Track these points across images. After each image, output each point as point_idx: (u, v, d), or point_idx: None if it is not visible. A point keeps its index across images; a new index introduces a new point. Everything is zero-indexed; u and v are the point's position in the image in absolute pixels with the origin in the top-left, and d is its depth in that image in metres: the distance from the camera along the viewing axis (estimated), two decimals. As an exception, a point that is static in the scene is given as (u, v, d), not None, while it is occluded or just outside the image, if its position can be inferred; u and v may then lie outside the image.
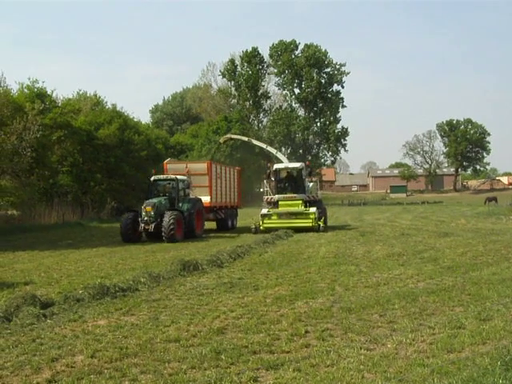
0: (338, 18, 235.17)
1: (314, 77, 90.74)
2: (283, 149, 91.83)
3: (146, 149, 51.07)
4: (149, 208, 25.23)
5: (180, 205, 26.71)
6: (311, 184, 32.57)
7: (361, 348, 7.23)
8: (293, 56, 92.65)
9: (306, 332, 8.16)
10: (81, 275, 14.78)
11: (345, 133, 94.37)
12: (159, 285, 12.71)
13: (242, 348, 7.37)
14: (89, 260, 18.12)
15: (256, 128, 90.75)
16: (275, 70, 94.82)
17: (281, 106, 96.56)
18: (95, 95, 59.87)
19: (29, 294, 10.73)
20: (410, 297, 10.47)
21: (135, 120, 59.61)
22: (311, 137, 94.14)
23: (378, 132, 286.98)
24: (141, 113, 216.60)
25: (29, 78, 44.43)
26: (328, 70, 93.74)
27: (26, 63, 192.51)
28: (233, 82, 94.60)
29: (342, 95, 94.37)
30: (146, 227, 25.02)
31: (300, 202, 29.99)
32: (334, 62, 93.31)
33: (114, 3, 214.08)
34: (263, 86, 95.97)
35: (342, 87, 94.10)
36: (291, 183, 31.26)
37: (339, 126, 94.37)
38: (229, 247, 19.89)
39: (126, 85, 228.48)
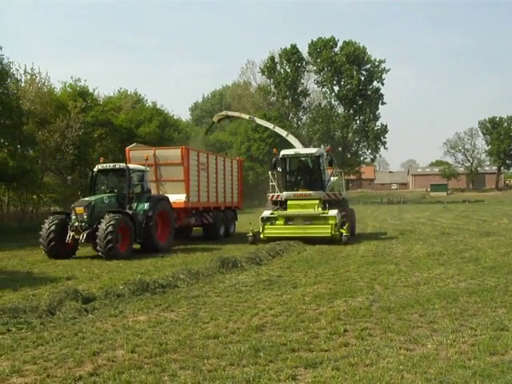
0: (378, 15, 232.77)
1: (353, 74, 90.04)
2: (322, 146, 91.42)
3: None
4: (80, 209, 18.49)
5: (134, 205, 19.98)
6: (334, 178, 24.78)
7: (400, 348, 7.16)
8: (332, 53, 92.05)
9: (345, 331, 8.11)
10: (121, 271, 15.02)
11: (384, 130, 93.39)
12: (198, 281, 12.81)
13: (281, 346, 7.36)
14: (129, 256, 18.33)
15: (295, 126, 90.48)
16: (314, 68, 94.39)
17: (320, 104, 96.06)
18: (136, 93, 60.56)
19: (71, 288, 10.96)
20: (451, 297, 10.32)
21: (175, 118, 60.15)
22: (350, 134, 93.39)
23: (418, 130, 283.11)
24: (180, 110, 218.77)
25: (71, 77, 45.31)
26: (367, 66, 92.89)
27: (68, 62, 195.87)
28: (272, 80, 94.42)
29: (381, 92, 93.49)
30: (76, 236, 18.27)
31: (316, 201, 22.65)
32: (373, 59, 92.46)
33: (152, 2, 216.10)
34: (302, 83, 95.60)
35: (382, 84, 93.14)
36: (305, 176, 23.97)
37: (379, 123, 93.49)
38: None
39: (166, 83, 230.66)
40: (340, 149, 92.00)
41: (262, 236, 22.14)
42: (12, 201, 37.42)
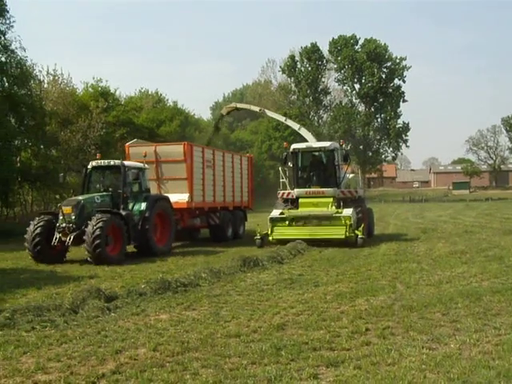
0: (398, 12, 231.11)
1: (374, 72, 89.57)
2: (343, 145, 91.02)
3: (206, 145, 51.54)
4: (68, 209, 17.10)
5: (130, 205, 18.70)
6: (350, 175, 23.59)
7: (423, 347, 7.10)
8: (353, 51, 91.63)
9: (367, 330, 8.08)
10: (143, 270, 15.11)
11: (406, 128, 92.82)
12: (220, 280, 12.84)
13: (302, 344, 7.35)
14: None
15: (316, 124, 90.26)
16: (335, 66, 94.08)
17: (341, 102, 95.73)
18: (157, 93, 60.94)
19: (94, 287, 11.03)
20: (474, 296, 10.21)
21: (196, 117, 60.37)
22: (372, 132, 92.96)
23: (440, 127, 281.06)
24: (201, 110, 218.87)
25: (93, 77, 45.71)
26: (388, 64, 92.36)
27: (90, 62, 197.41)
28: (292, 78, 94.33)
29: (402, 89, 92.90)
30: (63, 238, 16.80)
31: (330, 200, 21.05)
32: (394, 57, 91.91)
33: (173, 2, 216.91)
34: (323, 81, 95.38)
35: (404, 82, 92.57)
36: (318, 172, 22.35)
37: (400, 121, 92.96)
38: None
39: (186, 82, 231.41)
40: (361, 147, 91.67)
41: (270, 238, 20.67)
42: (35, 200, 37.86)
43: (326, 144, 22.64)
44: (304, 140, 26.27)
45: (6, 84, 29.63)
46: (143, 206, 18.65)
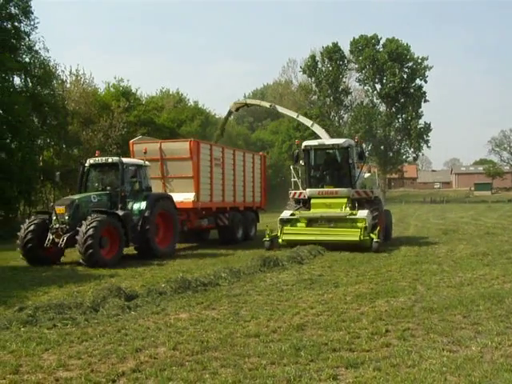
0: (421, 11, 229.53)
1: (395, 72, 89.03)
2: (364, 145, 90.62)
3: (227, 145, 51.69)
4: (61, 209, 16.36)
5: (130, 204, 17.82)
6: (367, 174, 22.53)
7: (443, 349, 7.05)
8: (374, 51, 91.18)
9: (387, 331, 8.04)
10: (163, 269, 15.19)
11: (427, 128, 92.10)
12: (239, 280, 12.87)
13: (322, 345, 7.34)
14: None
15: (336, 124, 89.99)
16: (356, 66, 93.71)
17: (362, 102, 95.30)
18: (177, 93, 61.15)
19: (114, 286, 11.10)
20: (496, 298, 10.11)
21: (217, 117, 60.47)
22: (393, 133, 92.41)
23: (462, 128, 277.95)
24: (222, 110, 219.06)
25: (114, 77, 46.08)
26: (410, 64, 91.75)
27: (111, 63, 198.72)
28: (313, 78, 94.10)
29: (424, 90, 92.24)
30: (56, 239, 16.04)
31: (344, 200, 20.00)
32: (416, 57, 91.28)
33: (193, 2, 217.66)
34: (344, 81, 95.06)
35: (425, 82, 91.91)
36: (331, 171, 21.09)
37: (421, 121, 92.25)
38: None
39: (207, 82, 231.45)
40: (382, 147, 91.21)
41: (279, 240, 19.76)
42: (57, 199, 38.16)
43: (340, 141, 21.21)
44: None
45: (29, 84, 30.02)
46: (143, 205, 17.75)
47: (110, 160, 18.17)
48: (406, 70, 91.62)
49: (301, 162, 21.41)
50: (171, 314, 9.41)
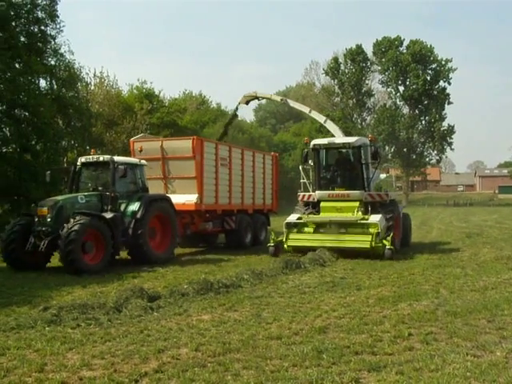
0: (444, 12, 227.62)
1: (419, 74, 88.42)
2: (387, 147, 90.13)
3: (249, 147, 51.77)
4: (43, 210, 15.27)
5: (123, 206, 16.64)
6: (383, 175, 21.00)
7: (467, 354, 6.98)
8: (397, 52, 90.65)
9: (410, 335, 7.99)
10: (185, 270, 15.25)
11: (451, 131, 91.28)
12: (262, 282, 12.88)
13: (344, 348, 7.32)
14: (192, 255, 18.56)
15: (359, 126, 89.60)
16: (379, 68, 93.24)
17: (385, 104, 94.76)
18: (200, 95, 61.39)
19: (137, 287, 11.18)
20: (521, 303, 10.00)
21: (239, 119, 60.54)
22: (416, 135, 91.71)
23: (486, 130, 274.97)
24: (245, 112, 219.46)
25: (138, 79, 46.37)
26: (434, 66, 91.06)
27: (134, 65, 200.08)
28: (336, 80, 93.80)
29: (448, 92, 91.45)
30: (38, 242, 14.88)
31: (356, 204, 18.63)
32: (439, 58, 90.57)
33: (216, 3, 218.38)
34: (367, 83, 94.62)
35: (449, 84, 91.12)
36: (342, 172, 19.67)
37: (445, 123, 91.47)
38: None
39: (230, 84, 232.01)
40: (405, 150, 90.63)
41: (285, 246, 18.54)
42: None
43: (352, 139, 19.61)
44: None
45: (54, 86, 30.27)
46: (136, 206, 16.54)
47: (101, 158, 17.04)
48: (430, 71, 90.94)
49: (310, 162, 20.01)
50: (193, 316, 9.44)
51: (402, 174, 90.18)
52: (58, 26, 28.85)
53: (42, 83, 29.95)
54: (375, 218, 17.54)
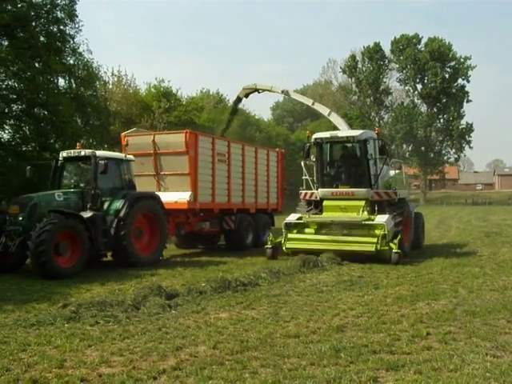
0: (464, 9, 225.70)
1: (437, 71, 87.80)
2: (404, 146, 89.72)
3: (267, 146, 51.77)
4: (15, 208, 14.28)
5: (107, 204, 15.46)
6: (393, 172, 19.05)
7: (487, 354, 6.93)
8: (415, 50, 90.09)
9: (428, 334, 7.95)
10: (203, 269, 15.28)
11: (469, 129, 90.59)
12: (279, 280, 12.89)
13: (362, 347, 7.31)
14: (212, 253, 18.58)
15: (377, 125, 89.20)
16: (397, 66, 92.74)
17: (402, 102, 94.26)
18: (217, 93, 61.36)
19: (155, 284, 11.25)
20: (541, 303, 9.91)
21: (256, 117, 60.58)
22: (434, 133, 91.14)
23: (506, 128, 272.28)
24: (262, 110, 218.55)
25: (155, 78, 46.43)
26: (452, 64, 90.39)
27: (152, 64, 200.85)
28: (353, 79, 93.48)
29: (466, 89, 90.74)
30: (9, 243, 13.83)
31: (362, 203, 17.32)
32: (458, 56, 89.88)
33: (234, 3, 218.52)
34: (384, 81, 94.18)
35: (468, 81, 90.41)
36: (347, 168, 18.32)
37: (463, 121, 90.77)
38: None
39: (247, 82, 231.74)
40: (423, 148, 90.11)
41: (284, 248, 17.31)
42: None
43: (356, 132, 18.14)
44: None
45: (73, 85, 30.50)
46: (120, 204, 15.36)
47: (82, 153, 15.83)
48: (448, 69, 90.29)
49: (312, 157, 18.53)
50: (211, 314, 9.47)
51: (420, 172, 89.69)
52: (76, 26, 29.07)
53: (61, 82, 30.20)
54: (382, 219, 16.26)
